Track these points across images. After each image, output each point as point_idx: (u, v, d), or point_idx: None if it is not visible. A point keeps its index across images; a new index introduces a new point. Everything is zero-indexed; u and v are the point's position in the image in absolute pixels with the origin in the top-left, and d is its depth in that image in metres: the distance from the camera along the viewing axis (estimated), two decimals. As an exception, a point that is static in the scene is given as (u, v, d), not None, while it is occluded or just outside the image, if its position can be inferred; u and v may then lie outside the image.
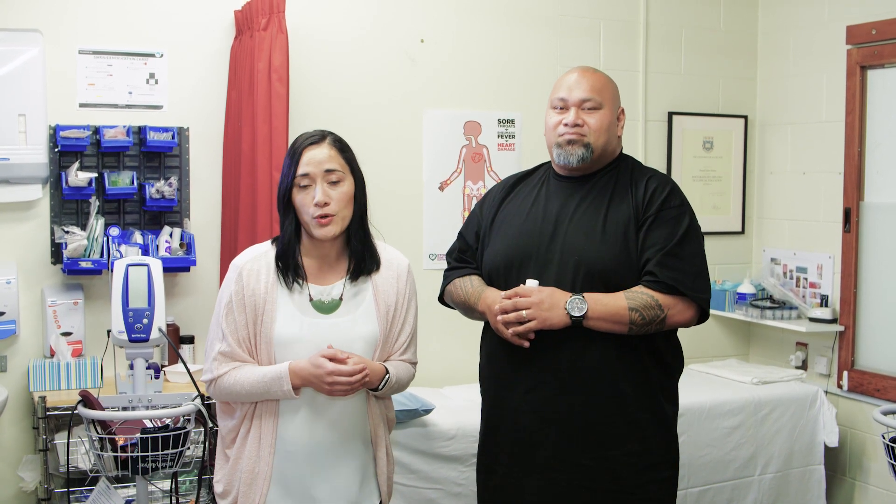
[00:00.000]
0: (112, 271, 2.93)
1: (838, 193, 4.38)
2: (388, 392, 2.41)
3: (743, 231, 4.90)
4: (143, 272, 2.92)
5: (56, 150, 3.64)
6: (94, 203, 3.63)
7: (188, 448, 2.69)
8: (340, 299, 2.36)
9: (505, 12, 4.38)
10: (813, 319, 4.36)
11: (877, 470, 4.18)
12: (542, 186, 2.64)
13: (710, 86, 4.81)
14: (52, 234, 3.67)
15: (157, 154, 3.82)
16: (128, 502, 3.15)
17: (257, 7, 3.67)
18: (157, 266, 2.96)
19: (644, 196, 2.50)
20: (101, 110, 3.75)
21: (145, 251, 3.64)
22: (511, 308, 2.42)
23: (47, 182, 3.66)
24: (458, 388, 4.06)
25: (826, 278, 4.44)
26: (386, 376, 2.35)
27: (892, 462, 2.91)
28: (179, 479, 3.35)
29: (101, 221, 3.63)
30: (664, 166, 4.69)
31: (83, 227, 3.64)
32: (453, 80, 4.31)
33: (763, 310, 4.47)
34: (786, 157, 4.72)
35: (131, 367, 2.95)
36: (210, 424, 2.71)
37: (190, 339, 3.83)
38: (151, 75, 3.82)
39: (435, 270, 3.97)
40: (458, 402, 3.82)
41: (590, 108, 2.52)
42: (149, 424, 2.65)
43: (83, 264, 3.53)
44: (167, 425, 2.64)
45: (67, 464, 3.03)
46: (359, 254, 2.38)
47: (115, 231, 3.68)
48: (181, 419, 2.67)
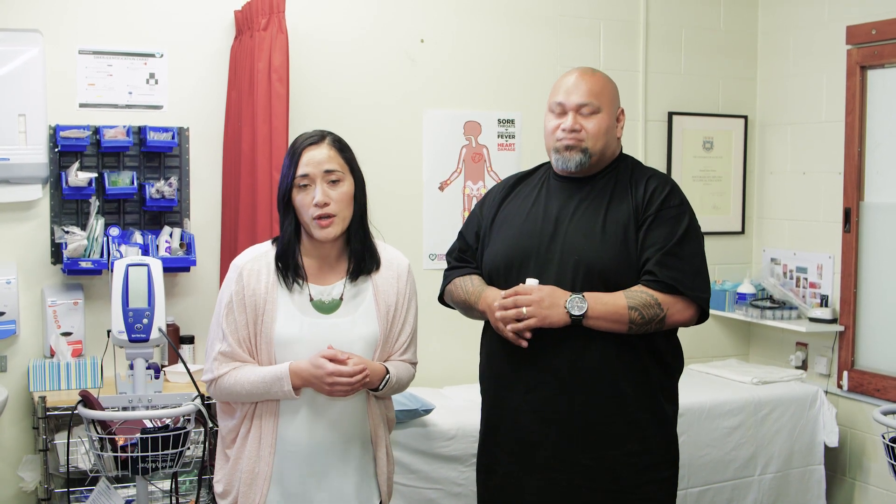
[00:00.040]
0: (112, 271, 2.93)
1: (838, 193, 4.38)
2: (389, 392, 2.41)
3: (743, 231, 4.90)
4: (143, 272, 2.92)
5: (56, 150, 3.64)
6: (94, 203, 3.63)
7: (188, 448, 2.69)
8: (341, 299, 2.36)
9: (505, 12, 4.38)
10: (813, 319, 4.35)
11: (877, 470, 4.17)
12: (543, 186, 2.64)
13: (710, 86, 4.81)
14: (52, 234, 3.67)
15: (157, 154, 3.82)
16: (128, 502, 3.15)
17: (257, 7, 3.67)
18: (157, 266, 2.96)
19: (644, 196, 2.50)
20: (101, 110, 3.75)
21: (145, 251, 3.64)
22: (511, 306, 2.42)
23: (47, 182, 3.66)
24: (458, 388, 4.06)
25: (826, 278, 4.43)
26: (386, 376, 2.35)
27: (892, 462, 2.91)
28: (179, 479, 3.35)
29: (101, 221, 3.63)
30: (664, 166, 4.69)
31: (83, 227, 3.64)
32: (453, 80, 4.31)
33: (763, 310, 4.47)
34: (786, 157, 4.72)
35: (131, 367, 2.95)
36: (210, 424, 2.71)
37: (190, 339, 3.83)
38: (151, 75, 3.82)
39: (435, 270, 3.97)
40: (458, 402, 3.82)
41: (588, 113, 2.51)
42: (149, 424, 2.65)
43: (83, 264, 3.53)
44: (167, 425, 2.64)
45: (67, 464, 3.03)
46: (359, 254, 2.38)
47: (115, 231, 3.68)
48: (181, 419, 2.67)
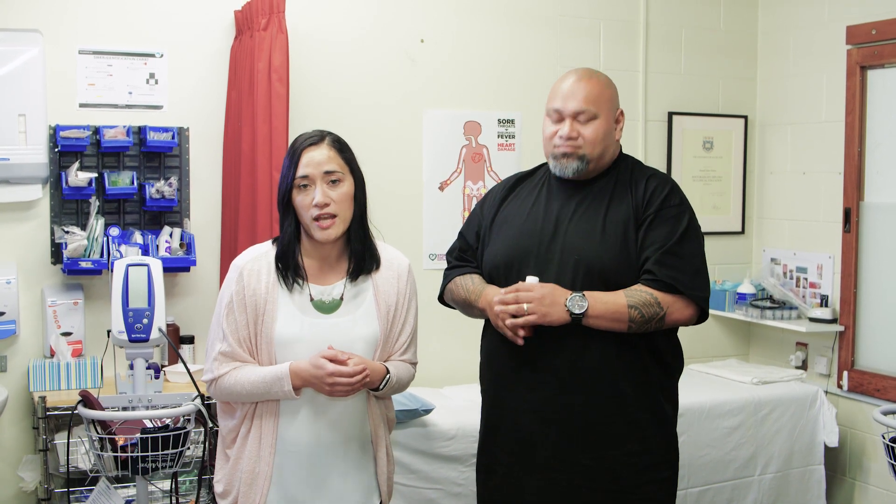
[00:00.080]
0: (112, 271, 2.93)
1: (838, 193, 4.38)
2: (389, 392, 2.41)
3: (743, 231, 4.90)
4: (143, 272, 2.92)
5: (56, 150, 3.64)
6: (94, 203, 3.63)
7: (188, 448, 2.69)
8: (341, 299, 2.36)
9: (505, 12, 4.38)
10: (813, 319, 4.35)
11: (877, 470, 4.17)
12: (543, 186, 2.64)
13: (710, 86, 4.81)
14: (52, 234, 3.67)
15: (157, 154, 3.82)
16: (128, 502, 3.15)
17: (257, 7, 3.67)
18: (157, 266, 2.96)
19: (644, 195, 2.50)
20: (101, 110, 3.75)
21: (145, 251, 3.64)
22: (512, 301, 2.42)
23: (47, 182, 3.66)
24: (458, 388, 4.06)
25: (826, 278, 4.43)
26: (387, 376, 2.35)
27: (892, 462, 2.91)
28: (179, 479, 3.35)
29: (101, 221, 3.63)
30: (664, 166, 4.69)
31: (83, 227, 3.64)
32: (453, 80, 4.30)
33: (763, 310, 4.47)
34: (786, 157, 4.72)
35: (131, 367, 2.95)
36: (210, 424, 2.71)
37: (190, 339, 3.83)
38: (151, 75, 3.82)
39: (435, 270, 3.97)
40: (458, 402, 3.82)
41: (585, 120, 2.50)
42: (149, 424, 2.65)
43: (83, 264, 3.53)
44: (167, 425, 2.64)
45: (67, 464, 3.03)
46: (359, 254, 2.38)
47: (115, 231, 3.68)
48: (181, 419, 2.67)
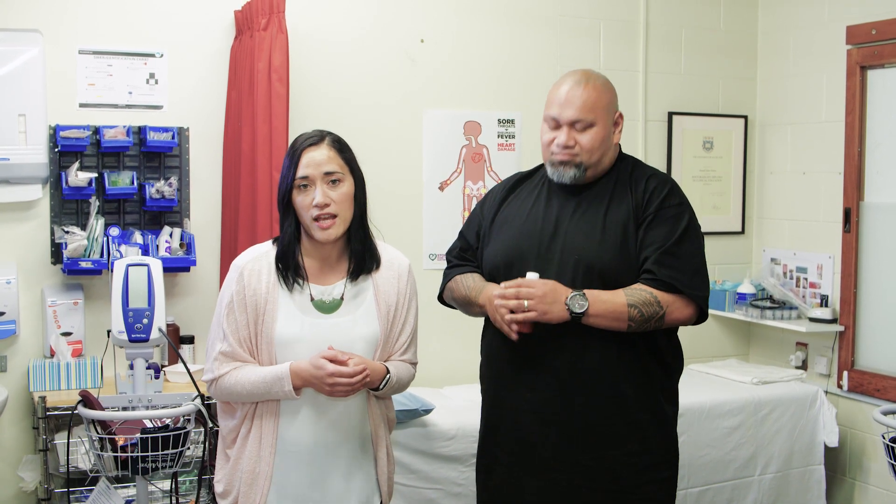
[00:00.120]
0: (112, 271, 2.93)
1: (838, 193, 4.38)
2: (389, 392, 2.41)
3: (743, 231, 4.90)
4: (143, 272, 2.92)
5: (56, 150, 3.64)
6: (94, 203, 3.63)
7: (188, 448, 2.69)
8: (341, 299, 2.36)
9: (505, 12, 4.38)
10: (813, 319, 4.35)
11: (877, 470, 4.17)
12: (543, 186, 2.63)
13: (710, 86, 4.81)
14: (52, 234, 3.67)
15: (157, 154, 3.82)
16: (128, 502, 3.15)
17: (257, 7, 3.67)
18: (157, 266, 2.96)
19: (644, 195, 2.50)
20: (101, 110, 3.75)
21: (145, 251, 3.64)
22: (513, 297, 2.40)
23: (47, 182, 3.66)
24: (458, 388, 4.06)
25: (826, 278, 4.43)
26: (387, 376, 2.35)
27: (892, 462, 2.91)
28: (179, 479, 3.35)
29: (101, 221, 3.63)
30: (664, 166, 4.69)
31: (83, 227, 3.64)
32: (453, 80, 4.30)
33: (763, 310, 4.47)
34: (786, 157, 4.72)
35: (131, 367, 2.95)
36: (210, 424, 2.71)
37: (190, 339, 3.83)
38: (151, 75, 3.82)
39: (435, 270, 3.97)
40: (458, 402, 3.82)
41: (582, 128, 2.49)
42: (149, 424, 2.65)
43: (83, 264, 3.53)
44: (167, 425, 2.64)
45: (67, 464, 3.03)
46: (359, 254, 2.38)
47: (115, 231, 3.68)
48: (181, 419, 2.67)
